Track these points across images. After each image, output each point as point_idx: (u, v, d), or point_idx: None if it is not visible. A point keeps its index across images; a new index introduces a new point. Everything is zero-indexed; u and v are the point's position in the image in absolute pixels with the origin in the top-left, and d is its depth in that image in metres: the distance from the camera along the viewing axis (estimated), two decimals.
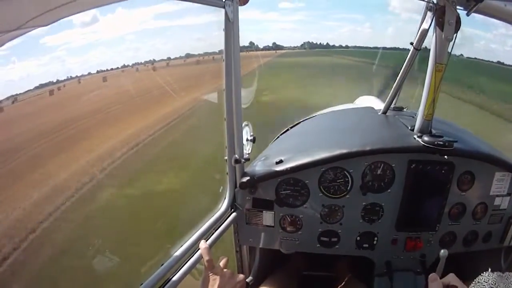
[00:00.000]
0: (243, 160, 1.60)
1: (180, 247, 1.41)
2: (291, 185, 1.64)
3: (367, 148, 1.58)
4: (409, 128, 1.71)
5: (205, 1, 1.29)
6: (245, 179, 1.62)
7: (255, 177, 1.63)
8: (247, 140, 1.65)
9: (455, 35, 1.37)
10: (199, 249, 1.38)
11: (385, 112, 2.10)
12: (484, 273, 0.99)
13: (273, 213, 1.69)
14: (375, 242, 1.70)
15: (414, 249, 1.69)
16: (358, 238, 1.70)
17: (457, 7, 1.35)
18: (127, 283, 3.59)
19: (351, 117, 2.37)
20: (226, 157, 1.61)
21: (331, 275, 2.14)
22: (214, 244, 1.52)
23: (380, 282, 1.74)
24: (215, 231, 1.56)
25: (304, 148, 1.79)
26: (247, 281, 1.22)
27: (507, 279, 0.96)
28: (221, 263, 1.17)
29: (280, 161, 1.65)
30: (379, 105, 2.42)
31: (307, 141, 2.06)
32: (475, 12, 1.37)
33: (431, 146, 1.51)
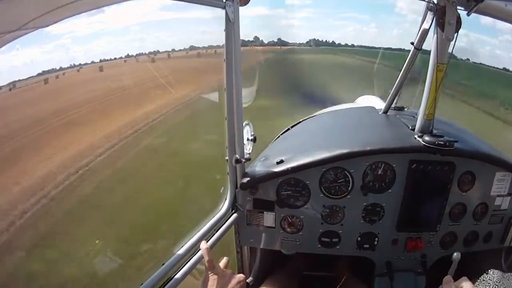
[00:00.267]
0: (243, 160, 1.59)
1: (181, 247, 1.41)
2: (292, 185, 1.64)
3: (368, 148, 1.58)
4: (410, 128, 1.71)
5: (205, 1, 1.29)
6: (246, 179, 1.62)
7: (256, 177, 1.63)
8: (248, 139, 1.65)
9: (455, 35, 1.37)
10: (199, 250, 1.38)
11: (386, 112, 2.10)
12: (489, 271, 1.00)
13: (274, 214, 1.69)
14: (375, 243, 1.70)
15: (415, 249, 1.69)
16: (359, 239, 1.70)
17: (458, 7, 1.35)
18: (128, 283, 3.59)
19: (351, 116, 2.37)
20: (226, 157, 1.61)
21: (331, 275, 2.14)
22: (215, 245, 1.52)
23: (380, 282, 1.74)
24: (216, 231, 1.56)
25: (305, 148, 1.79)
26: (247, 281, 1.22)
27: (509, 279, 0.97)
28: (221, 264, 1.18)
29: (281, 161, 1.64)
30: (380, 104, 2.42)
31: (307, 141, 2.06)
32: (475, 12, 1.37)
33: (432, 146, 1.51)
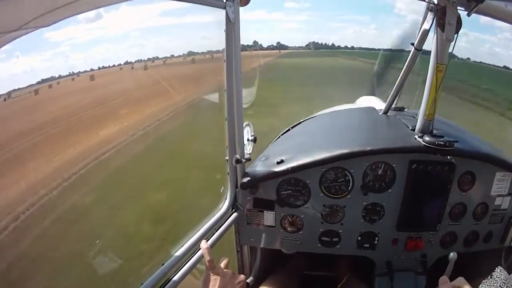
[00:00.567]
0: (244, 160, 1.60)
1: (181, 247, 1.41)
2: (292, 185, 1.64)
3: (368, 148, 1.58)
4: (410, 128, 1.72)
5: (206, 1, 1.29)
6: (246, 179, 1.62)
7: (256, 177, 1.63)
8: (248, 140, 1.65)
9: (456, 35, 1.38)
10: (200, 249, 1.38)
11: (386, 112, 2.10)
12: (497, 269, 1.00)
13: (274, 213, 1.69)
14: (376, 242, 1.70)
15: (415, 249, 1.69)
16: (359, 238, 1.70)
17: (458, 7, 1.35)
18: (128, 283, 3.59)
19: (352, 117, 2.38)
20: (227, 157, 1.62)
21: (331, 275, 2.14)
22: (215, 244, 1.52)
23: (380, 282, 1.74)
24: (216, 231, 1.57)
25: (305, 148, 1.79)
26: (247, 281, 1.22)
27: None
28: (222, 264, 1.18)
29: (281, 161, 1.65)
30: (380, 105, 2.42)
31: (308, 141, 2.07)
32: (475, 12, 1.37)
33: (432, 146, 1.51)
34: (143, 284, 1.22)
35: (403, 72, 1.92)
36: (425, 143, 1.53)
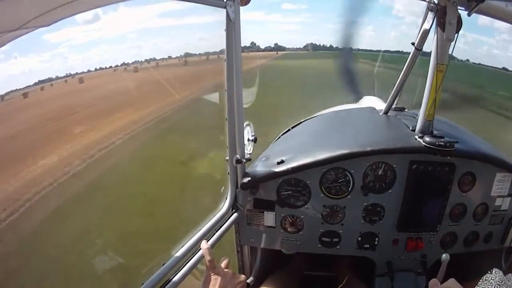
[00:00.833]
0: (244, 160, 1.60)
1: (182, 247, 1.41)
2: (292, 185, 1.64)
3: (368, 149, 1.58)
4: (410, 128, 1.71)
5: (206, 1, 1.29)
6: (246, 179, 1.62)
7: (257, 177, 1.63)
8: (249, 140, 1.65)
9: (456, 35, 1.37)
10: (200, 249, 1.38)
11: (386, 113, 2.10)
12: (492, 270, 1.00)
13: (274, 213, 1.69)
14: (376, 243, 1.70)
15: (415, 249, 1.69)
16: (359, 239, 1.70)
17: (458, 7, 1.35)
18: (128, 283, 3.59)
19: (352, 117, 2.37)
20: (227, 157, 1.61)
21: (332, 275, 2.14)
22: (215, 245, 1.52)
23: (381, 282, 1.74)
24: (216, 231, 1.57)
25: (305, 149, 1.79)
26: (248, 281, 1.22)
27: (510, 280, 0.96)
28: (222, 264, 1.18)
29: (282, 162, 1.65)
30: (380, 105, 2.41)
31: (308, 141, 2.06)
32: (476, 12, 1.37)
33: (432, 146, 1.51)
34: (143, 284, 1.22)
35: (403, 72, 1.92)
36: (425, 144, 1.53)
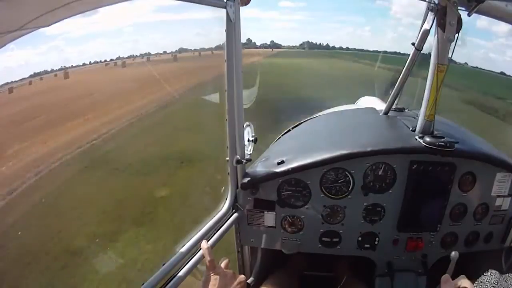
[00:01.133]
0: (244, 161, 1.60)
1: (182, 247, 1.41)
2: (292, 185, 1.64)
3: (369, 149, 1.58)
4: (411, 128, 1.71)
5: (206, 1, 1.29)
6: (247, 179, 1.62)
7: (257, 177, 1.63)
8: (249, 140, 1.65)
9: (456, 35, 1.37)
10: (200, 250, 1.38)
11: (386, 113, 2.10)
12: (487, 272, 1.00)
13: (275, 213, 1.69)
14: (376, 243, 1.70)
15: (415, 249, 1.69)
16: (360, 239, 1.70)
17: (459, 7, 1.35)
18: (128, 283, 3.59)
19: (352, 117, 2.37)
20: (227, 158, 1.61)
21: (332, 275, 2.14)
22: (215, 245, 1.52)
23: (381, 282, 1.74)
24: (217, 231, 1.57)
25: (306, 149, 1.79)
26: (248, 281, 1.22)
27: (507, 280, 0.97)
28: (222, 264, 1.18)
29: (282, 162, 1.65)
30: (380, 105, 2.41)
31: (308, 141, 2.06)
32: (476, 12, 1.37)
33: (433, 147, 1.51)
34: (143, 284, 1.22)
35: (403, 72, 1.91)
36: (425, 144, 1.53)
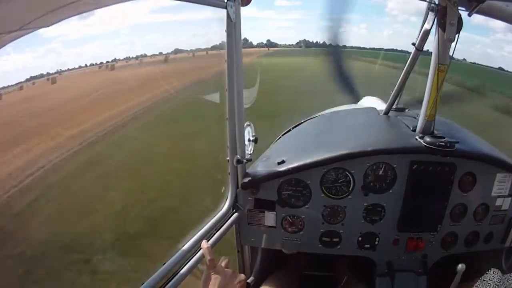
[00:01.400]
0: (245, 161, 1.60)
1: (182, 246, 1.41)
2: (293, 185, 1.64)
3: (369, 149, 1.58)
4: (411, 128, 1.71)
5: (207, 1, 1.29)
6: (247, 179, 1.62)
7: (257, 177, 1.63)
8: (249, 140, 1.65)
9: (457, 35, 1.37)
10: (200, 249, 1.38)
11: (387, 113, 2.09)
12: (490, 271, 1.00)
13: (275, 213, 1.69)
14: (376, 243, 1.70)
15: (416, 249, 1.69)
16: (360, 239, 1.70)
17: (459, 7, 1.35)
18: (129, 283, 3.59)
19: (353, 117, 2.37)
20: (228, 158, 1.61)
21: (332, 275, 2.14)
22: (215, 244, 1.52)
23: (381, 282, 1.74)
24: (217, 231, 1.57)
25: (306, 149, 1.79)
26: (248, 281, 1.22)
27: (508, 280, 0.97)
28: (222, 263, 1.18)
29: (282, 162, 1.65)
30: (381, 105, 2.41)
31: (309, 141, 2.06)
32: (476, 12, 1.37)
33: (433, 147, 1.51)
34: (143, 284, 1.23)
35: (404, 72, 1.91)
36: (425, 144, 1.53)
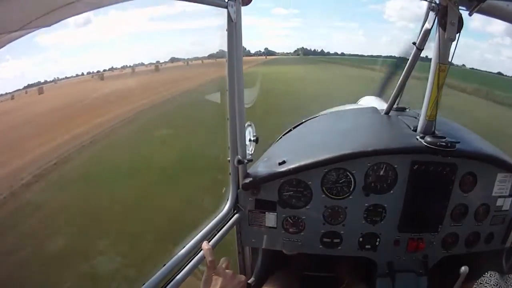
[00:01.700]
0: (245, 161, 1.60)
1: (183, 247, 1.41)
2: (293, 186, 1.64)
3: (370, 149, 1.58)
4: (412, 128, 1.71)
5: (207, 1, 1.29)
6: (248, 180, 1.62)
7: (258, 178, 1.63)
8: (250, 140, 1.65)
9: (457, 35, 1.37)
10: (201, 250, 1.38)
11: (387, 113, 2.09)
12: (487, 273, 0.99)
13: (276, 214, 1.69)
14: (377, 243, 1.70)
15: (416, 250, 1.69)
16: (361, 239, 1.70)
17: (460, 7, 1.34)
18: (129, 283, 3.59)
19: (353, 117, 2.37)
20: (228, 158, 1.61)
21: (333, 275, 2.14)
22: (216, 245, 1.52)
23: (382, 283, 1.74)
24: (218, 232, 1.57)
25: (307, 149, 1.79)
26: (249, 282, 1.22)
27: (507, 281, 0.96)
28: (223, 265, 1.18)
29: (283, 162, 1.64)
30: (382, 105, 2.41)
31: (309, 141, 2.06)
32: (477, 12, 1.36)
33: (434, 147, 1.50)
34: (144, 285, 1.23)
35: (404, 72, 1.91)
36: (426, 144, 1.53)
